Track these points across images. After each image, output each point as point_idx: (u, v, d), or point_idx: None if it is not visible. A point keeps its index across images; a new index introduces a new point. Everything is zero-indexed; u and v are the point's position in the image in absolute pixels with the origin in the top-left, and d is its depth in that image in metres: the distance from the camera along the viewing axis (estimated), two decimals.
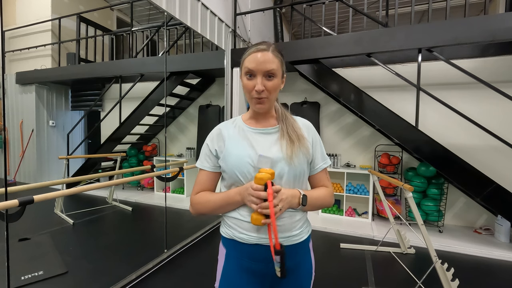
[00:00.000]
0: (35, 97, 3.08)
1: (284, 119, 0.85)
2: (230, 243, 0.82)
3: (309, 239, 0.87)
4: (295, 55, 3.02)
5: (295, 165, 0.78)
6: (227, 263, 0.82)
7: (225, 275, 0.82)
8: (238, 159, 0.79)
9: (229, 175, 0.81)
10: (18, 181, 2.94)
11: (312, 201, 0.80)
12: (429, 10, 2.71)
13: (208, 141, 0.87)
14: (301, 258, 0.83)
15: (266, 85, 0.77)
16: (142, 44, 4.29)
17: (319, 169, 0.86)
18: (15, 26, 2.88)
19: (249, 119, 0.87)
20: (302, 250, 0.83)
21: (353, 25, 3.49)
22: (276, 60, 0.78)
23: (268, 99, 0.79)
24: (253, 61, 0.76)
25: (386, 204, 2.40)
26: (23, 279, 1.83)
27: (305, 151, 0.81)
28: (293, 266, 0.80)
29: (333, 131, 3.66)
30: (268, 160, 0.77)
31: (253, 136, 0.83)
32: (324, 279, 2.02)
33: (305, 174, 0.83)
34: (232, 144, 0.82)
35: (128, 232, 2.98)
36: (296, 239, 0.80)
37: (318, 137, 0.88)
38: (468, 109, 2.68)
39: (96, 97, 3.95)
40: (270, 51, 0.77)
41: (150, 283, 1.93)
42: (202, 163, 0.87)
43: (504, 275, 2.15)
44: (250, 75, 0.78)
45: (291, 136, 0.80)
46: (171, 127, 4.59)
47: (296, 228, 0.80)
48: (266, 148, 0.80)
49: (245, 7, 3.64)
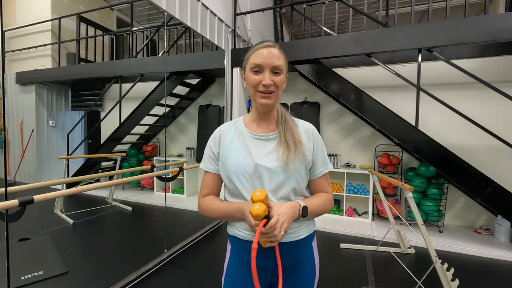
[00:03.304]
0: (35, 97, 3.08)
1: (283, 122, 0.84)
2: (234, 239, 0.86)
3: (312, 237, 0.87)
4: (295, 55, 3.02)
5: (291, 172, 0.78)
6: (231, 258, 0.87)
7: (229, 270, 0.86)
8: (235, 166, 0.80)
9: (227, 180, 0.83)
10: (18, 181, 2.95)
11: (312, 210, 0.80)
12: (429, 10, 2.71)
13: (211, 143, 0.88)
14: (301, 256, 0.83)
15: (273, 80, 0.77)
16: (142, 44, 4.29)
17: (319, 174, 0.85)
18: (15, 26, 2.89)
19: (251, 122, 0.87)
20: (303, 248, 0.83)
21: (353, 25, 3.49)
22: (282, 57, 0.79)
23: (275, 94, 0.79)
24: (260, 56, 0.77)
25: (386, 204, 2.40)
26: (23, 279, 1.83)
27: (301, 157, 0.80)
28: (293, 263, 0.81)
29: (333, 131, 3.66)
30: (265, 169, 0.78)
31: (252, 142, 0.83)
32: (324, 279, 2.01)
33: (303, 179, 0.82)
34: (231, 151, 0.83)
35: (128, 232, 2.98)
36: (293, 236, 0.80)
37: (320, 142, 0.87)
38: (468, 109, 2.68)
39: (96, 97, 3.95)
40: (277, 48, 0.79)
41: (150, 283, 1.93)
42: (206, 165, 0.88)
43: (504, 275, 2.15)
44: (257, 70, 0.78)
45: (288, 141, 0.80)
46: (171, 127, 4.59)
47: (292, 227, 0.80)
48: (264, 156, 0.80)
49: (245, 7, 3.64)
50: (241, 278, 0.83)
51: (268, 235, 0.68)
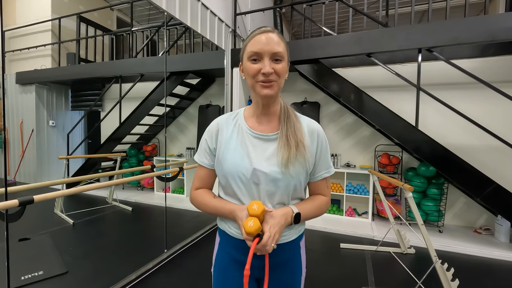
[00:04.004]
0: (35, 97, 3.08)
1: (286, 118, 0.78)
2: (223, 234, 0.85)
3: (301, 237, 0.86)
4: (295, 55, 3.01)
5: (291, 176, 0.74)
6: (219, 251, 0.86)
7: (218, 262, 0.86)
8: (232, 168, 0.76)
9: (223, 179, 0.80)
10: (18, 181, 2.95)
11: (305, 216, 0.78)
12: (429, 10, 2.70)
13: (207, 136, 0.83)
14: (290, 255, 0.83)
15: (274, 68, 0.70)
16: (142, 44, 4.28)
17: (320, 177, 0.82)
18: (15, 26, 2.88)
19: (252, 117, 0.81)
20: (291, 248, 0.82)
21: (353, 25, 3.49)
22: (282, 43, 0.72)
23: (277, 83, 0.72)
24: (258, 43, 0.70)
25: (386, 204, 2.40)
26: (23, 279, 1.83)
27: (302, 159, 0.75)
28: (280, 262, 0.80)
29: (333, 131, 3.66)
30: (263, 175, 0.74)
31: (252, 141, 0.77)
32: (324, 279, 2.02)
33: (302, 184, 0.79)
34: (228, 149, 0.78)
35: (128, 232, 2.98)
36: (282, 238, 0.78)
37: (325, 144, 0.82)
38: (468, 109, 2.68)
39: (96, 97, 3.95)
40: (276, 33, 0.72)
41: (150, 283, 1.93)
42: (201, 159, 0.84)
43: (504, 275, 2.15)
44: (255, 59, 0.71)
45: (290, 141, 0.74)
46: (171, 127, 4.59)
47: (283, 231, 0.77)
48: (263, 161, 0.75)
49: (245, 7, 3.64)
50: (229, 273, 0.82)
51: (260, 250, 0.67)
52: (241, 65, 0.78)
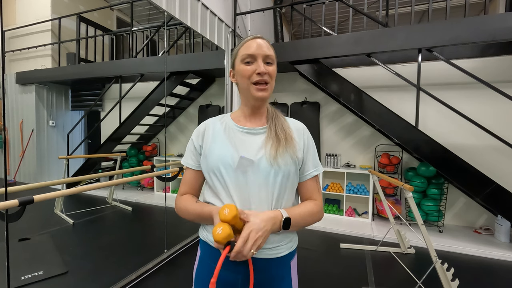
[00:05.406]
0: (35, 97, 3.08)
1: (274, 117, 0.80)
2: (204, 245, 0.79)
3: (292, 256, 0.78)
4: (295, 55, 3.02)
5: (280, 166, 0.71)
6: (199, 266, 0.80)
7: (198, 278, 0.79)
8: (218, 158, 0.74)
9: (207, 175, 0.77)
10: (18, 181, 2.95)
11: (296, 222, 0.71)
12: (429, 10, 2.70)
13: (194, 136, 0.82)
14: (278, 274, 0.74)
15: (267, 70, 0.73)
16: (142, 44, 4.29)
17: (309, 176, 0.79)
18: (15, 26, 2.89)
19: (239, 117, 0.81)
20: (280, 267, 0.75)
21: (353, 25, 3.49)
22: (271, 48, 0.76)
23: (270, 85, 0.75)
24: (251, 47, 0.73)
25: (386, 204, 2.40)
26: (23, 279, 1.83)
27: (291, 152, 0.74)
28: (266, 280, 0.72)
29: (333, 131, 3.66)
30: (250, 163, 0.71)
31: (239, 135, 0.77)
32: (324, 279, 2.02)
33: (291, 177, 0.74)
34: (215, 144, 0.77)
35: (128, 232, 2.98)
36: (270, 253, 0.72)
37: (311, 141, 0.81)
38: (468, 109, 2.68)
39: (96, 97, 3.95)
40: (266, 40, 0.77)
41: (150, 283, 1.93)
42: (186, 160, 0.83)
43: (504, 275, 2.15)
44: (249, 61, 0.74)
45: (279, 134, 0.75)
46: (171, 127, 4.60)
47: (270, 241, 0.71)
48: (250, 150, 0.74)
49: (245, 7, 3.64)
50: None
51: (236, 257, 0.60)
52: (231, 71, 0.80)
